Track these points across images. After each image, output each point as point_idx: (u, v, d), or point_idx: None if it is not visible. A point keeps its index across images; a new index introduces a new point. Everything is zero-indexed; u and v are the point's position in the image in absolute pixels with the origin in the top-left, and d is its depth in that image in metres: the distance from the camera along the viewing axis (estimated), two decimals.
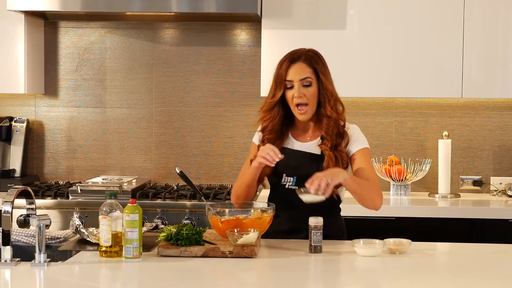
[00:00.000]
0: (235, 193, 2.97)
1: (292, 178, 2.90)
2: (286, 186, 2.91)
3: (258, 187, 3.00)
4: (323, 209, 2.82)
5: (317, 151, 2.89)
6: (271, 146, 2.78)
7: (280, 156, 2.76)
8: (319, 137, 2.91)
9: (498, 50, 4.00)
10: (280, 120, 2.92)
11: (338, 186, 2.80)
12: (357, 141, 2.91)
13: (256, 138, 3.01)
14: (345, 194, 2.99)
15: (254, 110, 4.32)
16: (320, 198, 2.67)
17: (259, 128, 2.99)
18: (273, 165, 2.78)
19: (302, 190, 2.71)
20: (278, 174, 2.91)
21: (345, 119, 2.92)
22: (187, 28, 4.40)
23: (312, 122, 2.93)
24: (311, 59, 2.87)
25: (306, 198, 2.70)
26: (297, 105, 2.87)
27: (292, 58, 2.87)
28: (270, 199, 2.98)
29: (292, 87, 2.86)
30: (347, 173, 2.77)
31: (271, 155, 2.75)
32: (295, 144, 2.94)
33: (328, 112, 2.86)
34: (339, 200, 2.95)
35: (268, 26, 4.03)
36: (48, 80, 4.43)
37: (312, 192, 2.65)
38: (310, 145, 2.92)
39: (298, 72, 2.85)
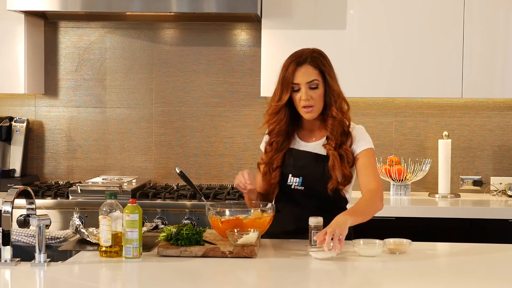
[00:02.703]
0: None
1: (298, 179, 2.89)
2: (292, 187, 2.91)
3: (270, 193, 3.00)
4: (331, 210, 2.83)
5: (322, 151, 2.89)
6: (244, 171, 2.82)
7: (249, 185, 2.79)
8: (325, 137, 2.91)
9: (498, 50, 4.00)
10: (287, 122, 2.90)
11: (345, 184, 2.86)
12: (361, 141, 2.90)
13: (263, 142, 3.01)
14: (352, 194, 2.99)
15: (254, 110, 4.32)
16: (332, 254, 2.57)
17: (266, 131, 2.97)
18: (246, 191, 2.82)
19: (312, 246, 2.61)
20: (284, 175, 2.92)
21: (350, 118, 2.92)
22: (187, 28, 4.40)
23: (318, 122, 2.93)
24: (317, 60, 2.85)
25: (318, 255, 2.57)
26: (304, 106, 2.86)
27: (298, 60, 2.84)
28: (277, 198, 2.98)
29: (299, 90, 2.84)
30: (349, 216, 2.69)
31: (242, 181, 2.80)
32: (301, 144, 2.94)
33: (334, 113, 2.85)
34: (346, 201, 2.95)
35: (268, 26, 4.03)
36: (48, 80, 4.43)
37: (326, 250, 2.55)
38: (316, 145, 2.92)
39: (305, 75, 2.83)
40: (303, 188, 2.88)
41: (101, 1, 3.93)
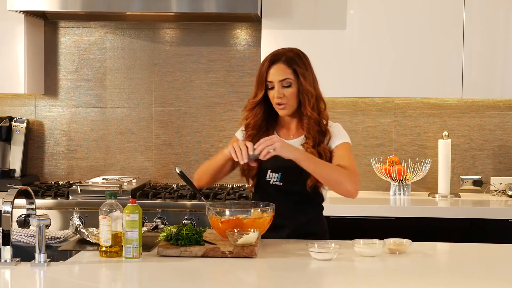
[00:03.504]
0: (199, 173, 2.99)
1: (277, 174, 2.93)
2: (271, 182, 2.94)
3: (224, 177, 3.00)
4: (308, 206, 2.91)
5: (301, 148, 2.92)
6: (250, 144, 2.77)
7: (248, 160, 2.75)
8: (303, 136, 2.95)
9: (498, 50, 4.00)
10: (263, 117, 2.96)
11: (314, 181, 2.84)
12: (337, 137, 2.93)
13: (239, 134, 3.05)
14: (328, 194, 3.00)
15: None
16: (332, 255, 2.56)
17: (243, 126, 3.02)
18: (242, 161, 2.75)
19: (312, 246, 2.62)
20: (263, 170, 2.94)
21: (328, 117, 2.95)
22: (187, 28, 4.40)
23: (296, 120, 2.97)
24: (291, 60, 2.89)
25: (318, 256, 2.57)
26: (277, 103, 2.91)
27: (273, 59, 2.91)
28: (255, 194, 3.00)
29: (273, 88, 2.89)
30: (304, 153, 2.79)
31: (243, 152, 2.74)
32: None
33: (308, 112, 2.89)
34: (322, 198, 2.97)
35: (268, 26, 4.03)
36: (48, 80, 4.43)
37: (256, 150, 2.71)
38: (295, 142, 2.95)
39: (277, 73, 2.89)
40: (281, 183, 2.92)
41: (101, 1, 3.93)
